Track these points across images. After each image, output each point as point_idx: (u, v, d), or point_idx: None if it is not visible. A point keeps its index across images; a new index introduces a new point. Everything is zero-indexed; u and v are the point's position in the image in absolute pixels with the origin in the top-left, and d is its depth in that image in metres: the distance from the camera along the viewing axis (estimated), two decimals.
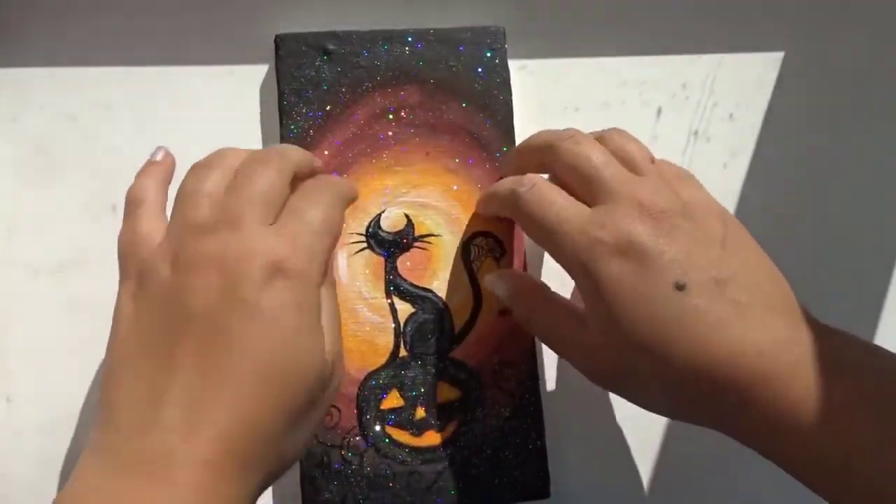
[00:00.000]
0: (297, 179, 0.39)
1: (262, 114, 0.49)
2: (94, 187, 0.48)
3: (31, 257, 0.47)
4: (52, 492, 0.46)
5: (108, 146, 0.48)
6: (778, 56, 0.53)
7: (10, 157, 0.48)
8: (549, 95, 0.52)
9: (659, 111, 0.52)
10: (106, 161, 0.48)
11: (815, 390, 0.34)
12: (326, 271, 0.37)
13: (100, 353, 0.46)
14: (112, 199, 0.48)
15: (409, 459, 0.46)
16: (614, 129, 0.43)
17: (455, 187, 0.48)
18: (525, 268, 0.48)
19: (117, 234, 0.46)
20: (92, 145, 0.48)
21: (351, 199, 0.42)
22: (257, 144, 0.49)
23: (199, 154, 0.48)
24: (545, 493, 0.47)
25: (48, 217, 0.48)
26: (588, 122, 0.51)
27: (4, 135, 0.48)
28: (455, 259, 0.48)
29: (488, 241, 0.48)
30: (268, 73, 0.49)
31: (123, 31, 0.49)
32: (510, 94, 0.49)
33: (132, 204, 0.39)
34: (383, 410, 0.46)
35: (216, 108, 0.49)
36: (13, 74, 0.48)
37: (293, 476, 0.45)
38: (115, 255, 0.47)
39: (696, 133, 0.52)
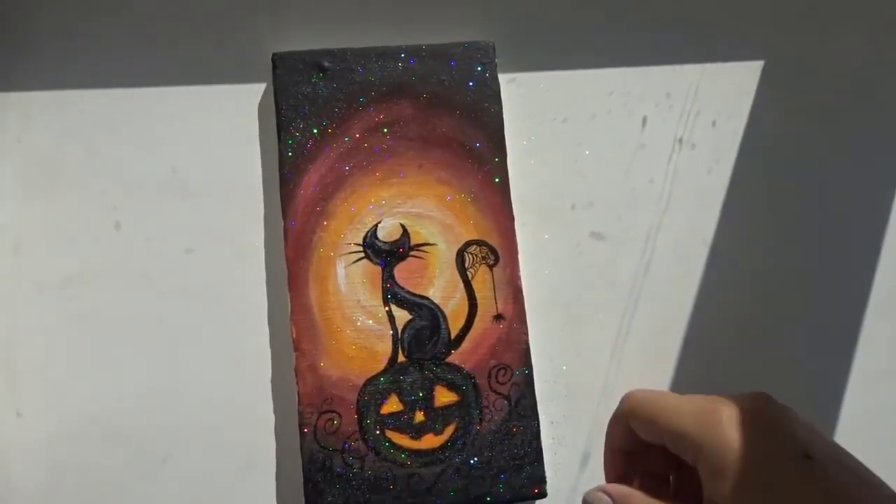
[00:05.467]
0: None
1: (260, 130, 0.50)
2: (97, 205, 0.49)
3: (37, 274, 0.48)
4: (63, 503, 0.47)
5: (111, 165, 0.49)
6: (758, 65, 0.54)
7: (15, 175, 0.49)
8: (537, 107, 0.53)
9: (644, 120, 0.53)
10: (109, 179, 0.49)
11: None
12: None
13: (105, 367, 0.48)
14: (115, 216, 0.49)
15: (408, 462, 0.47)
16: None
17: (448, 197, 0.49)
18: (519, 276, 0.49)
19: (121, 249, 0.47)
20: (95, 164, 0.49)
21: None
22: (256, 159, 0.50)
23: (201, 169, 0.49)
24: (542, 494, 0.48)
25: (53, 234, 0.49)
26: (576, 133, 0.52)
27: (10, 154, 0.49)
28: (450, 267, 0.49)
29: (482, 248, 0.49)
30: (265, 91, 0.50)
31: (125, 53, 0.50)
32: (500, 107, 0.50)
33: None
34: (383, 415, 0.47)
35: (216, 126, 0.50)
36: (19, 96, 0.49)
37: (296, 481, 0.46)
38: (119, 271, 0.48)
39: (680, 140, 0.53)
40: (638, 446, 0.43)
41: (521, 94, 0.52)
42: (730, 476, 0.36)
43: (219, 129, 0.50)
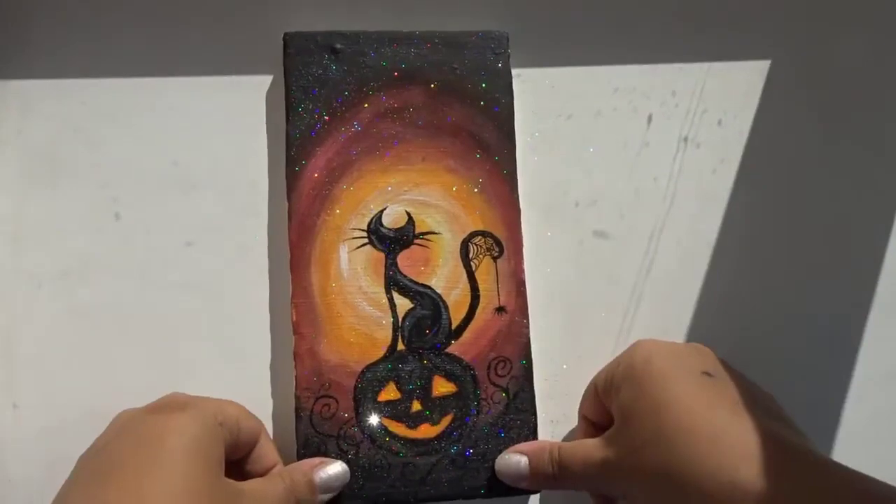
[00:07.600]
0: None
1: (265, 121, 0.50)
2: (97, 197, 0.49)
3: (35, 266, 0.48)
4: None
5: (111, 156, 0.49)
6: (765, 64, 0.54)
7: (14, 167, 0.49)
8: (542, 103, 0.53)
9: (649, 118, 0.53)
10: (109, 171, 0.49)
11: None
12: None
13: (103, 359, 0.48)
14: (115, 208, 0.49)
15: (404, 451, 0.47)
16: None
17: (455, 187, 0.49)
18: (522, 270, 0.49)
19: (120, 241, 0.46)
20: (95, 156, 0.49)
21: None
22: (258, 151, 0.50)
23: (203, 161, 0.49)
24: (536, 489, 0.48)
25: (52, 226, 0.48)
26: (580, 130, 0.52)
27: (9, 145, 0.49)
28: (454, 257, 0.49)
29: (487, 240, 0.49)
30: (272, 83, 0.50)
31: (126, 42, 0.50)
32: (512, 98, 0.50)
33: None
34: (380, 403, 0.47)
35: (218, 117, 0.50)
36: (18, 86, 0.49)
37: None
38: (118, 263, 0.48)
39: (685, 139, 0.53)
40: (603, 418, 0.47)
41: (525, 90, 0.52)
42: (635, 385, 0.42)
43: (222, 119, 0.50)
